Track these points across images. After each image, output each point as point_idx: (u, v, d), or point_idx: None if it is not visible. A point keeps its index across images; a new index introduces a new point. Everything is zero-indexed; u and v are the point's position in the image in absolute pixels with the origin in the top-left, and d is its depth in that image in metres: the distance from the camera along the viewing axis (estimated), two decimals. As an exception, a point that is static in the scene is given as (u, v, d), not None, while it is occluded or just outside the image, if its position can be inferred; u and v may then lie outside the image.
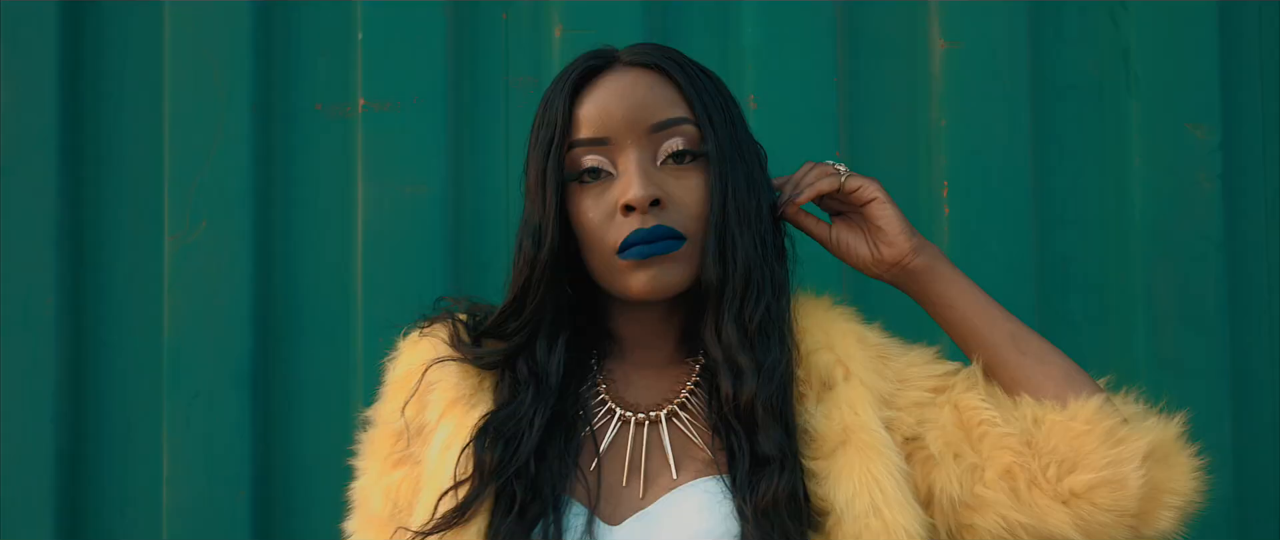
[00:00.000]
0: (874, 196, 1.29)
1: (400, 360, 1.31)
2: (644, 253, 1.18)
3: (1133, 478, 1.20)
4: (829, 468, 1.18)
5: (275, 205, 1.71)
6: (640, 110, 1.21)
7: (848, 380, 1.22)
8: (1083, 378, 1.25)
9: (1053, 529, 1.21)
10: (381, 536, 1.24)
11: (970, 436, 1.23)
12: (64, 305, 1.70)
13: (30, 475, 1.68)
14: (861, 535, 1.14)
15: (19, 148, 1.69)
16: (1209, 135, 1.74)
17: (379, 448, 1.29)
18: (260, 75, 1.71)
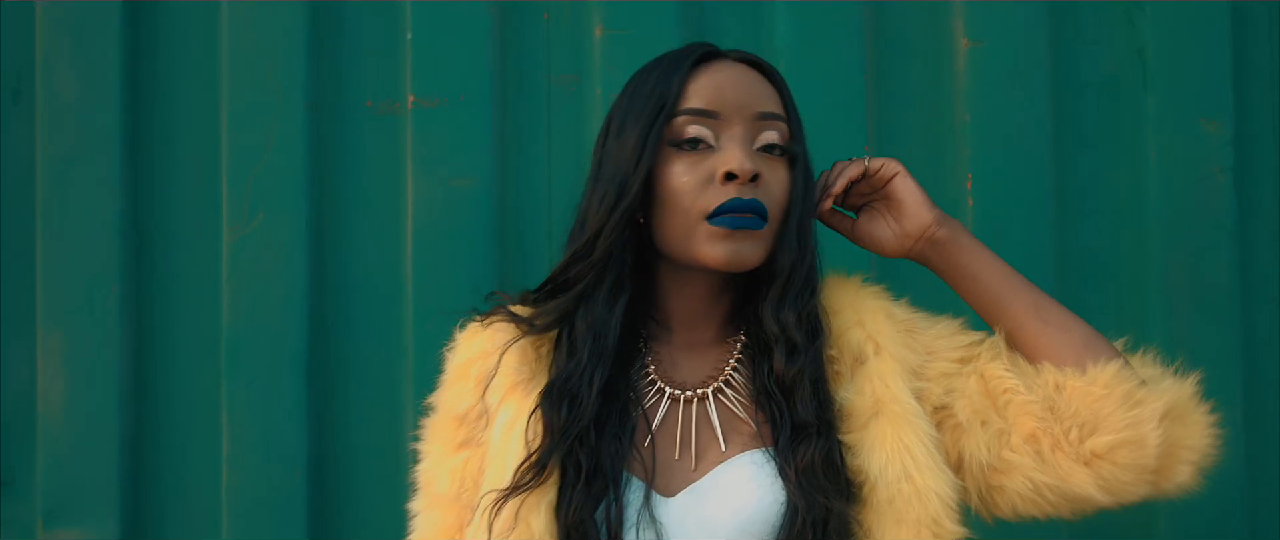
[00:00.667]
0: (897, 171, 1.38)
1: (458, 350, 1.38)
2: (734, 222, 1.25)
3: (1151, 437, 1.27)
4: (862, 439, 1.25)
5: (328, 198, 1.79)
6: (750, 97, 1.29)
7: (878, 354, 1.30)
8: (1101, 343, 1.33)
9: (1076, 488, 1.28)
10: (448, 515, 1.31)
11: (996, 404, 1.30)
12: (127, 294, 1.77)
13: (96, 457, 1.75)
14: (895, 500, 1.22)
15: (85, 144, 1.77)
16: (1221, 130, 1.81)
17: (441, 432, 1.36)
18: (313, 73, 1.78)
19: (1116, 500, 1.30)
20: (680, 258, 1.30)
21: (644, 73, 1.35)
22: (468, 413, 1.33)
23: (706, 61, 1.32)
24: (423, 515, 1.35)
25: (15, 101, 1.79)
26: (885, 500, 1.22)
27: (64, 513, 1.75)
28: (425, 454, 1.38)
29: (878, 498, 1.23)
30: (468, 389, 1.33)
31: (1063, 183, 1.80)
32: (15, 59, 1.79)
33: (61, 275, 1.76)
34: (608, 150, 1.32)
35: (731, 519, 1.23)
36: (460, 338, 1.39)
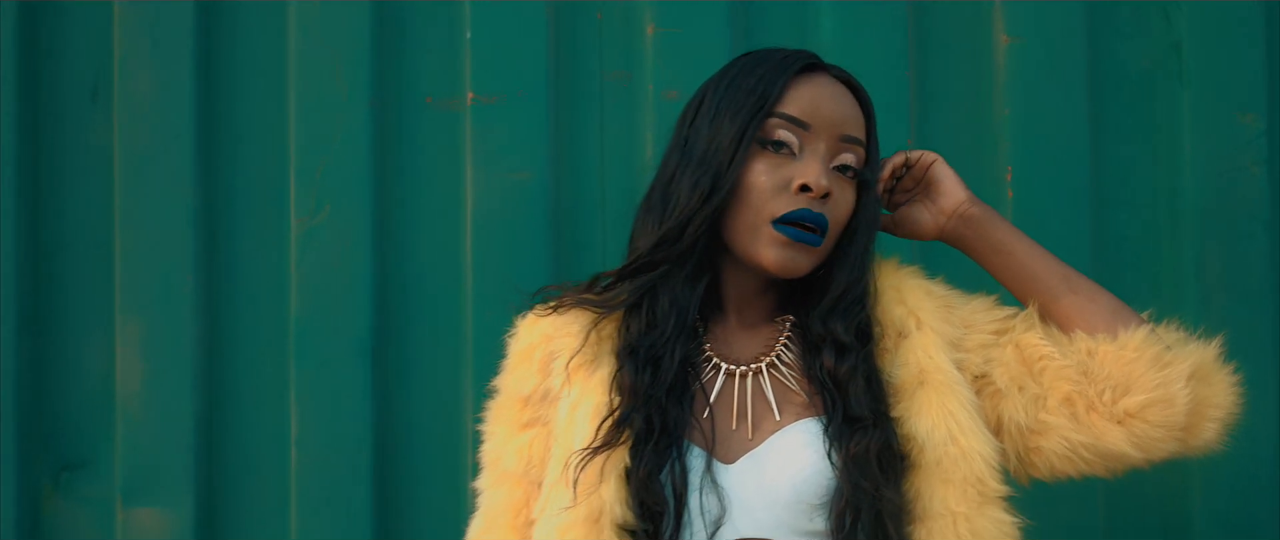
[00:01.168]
0: (935, 158, 1.47)
1: (520, 336, 1.46)
2: (796, 235, 1.32)
3: (1180, 396, 1.35)
4: (909, 407, 1.33)
5: (391, 191, 1.86)
6: (841, 118, 1.36)
7: (920, 329, 1.37)
8: (1129, 312, 1.41)
9: (1110, 446, 1.36)
10: (515, 490, 1.38)
11: (1032, 370, 1.38)
12: (201, 284, 1.85)
13: (172, 439, 1.84)
14: (942, 462, 1.30)
15: (160, 141, 1.85)
16: (1256, 123, 1.87)
17: (506, 413, 1.43)
18: (377, 71, 1.86)
19: (1147, 457, 1.38)
20: (739, 251, 1.37)
21: (747, 65, 1.40)
22: (532, 394, 1.41)
23: (810, 71, 1.39)
24: (489, 492, 1.42)
25: (94, 101, 1.88)
26: (933, 462, 1.30)
27: (141, 492, 1.84)
28: (490, 435, 1.45)
29: (926, 460, 1.30)
30: (531, 372, 1.41)
31: (1100, 175, 1.87)
32: (94, 60, 1.87)
33: (138, 267, 1.85)
34: (698, 130, 1.38)
35: (789, 484, 1.30)
36: (521, 324, 1.47)
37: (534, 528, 1.34)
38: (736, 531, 1.29)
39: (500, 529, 1.38)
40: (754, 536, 1.29)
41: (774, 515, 1.30)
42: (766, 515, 1.30)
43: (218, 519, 1.85)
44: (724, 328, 1.42)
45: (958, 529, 1.28)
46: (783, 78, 1.36)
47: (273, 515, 1.85)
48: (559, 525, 1.29)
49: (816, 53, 1.82)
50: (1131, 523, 1.85)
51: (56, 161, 1.87)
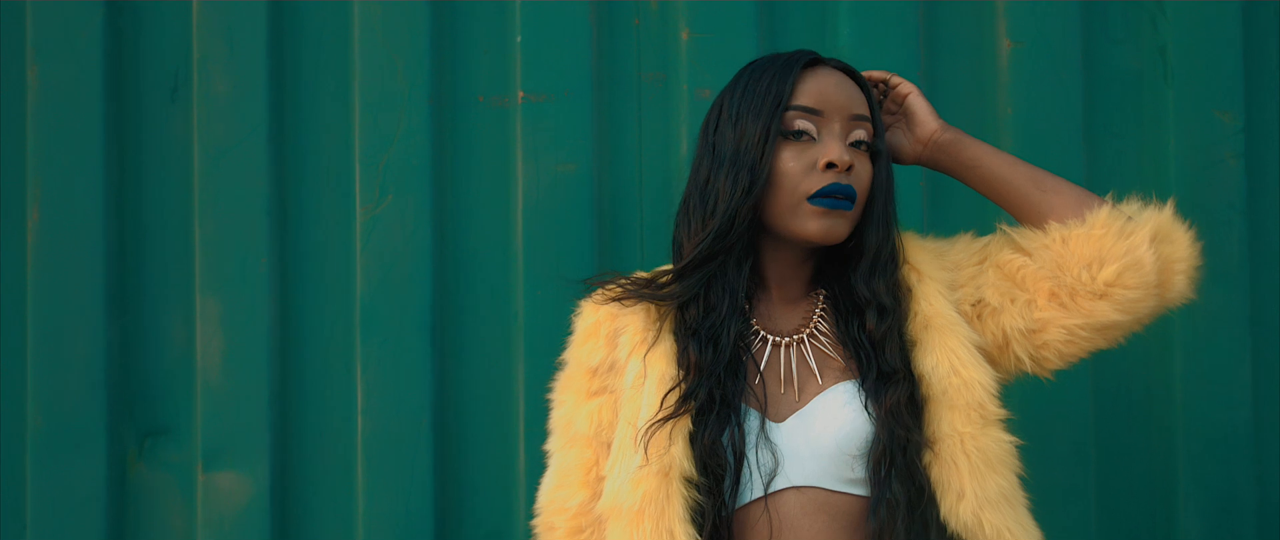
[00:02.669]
0: (911, 90, 1.66)
1: (585, 315, 1.61)
2: (831, 204, 1.49)
3: (1147, 257, 1.51)
4: (922, 351, 1.51)
5: (448, 182, 2.02)
6: (848, 100, 1.53)
7: (921, 281, 1.55)
8: (1091, 196, 1.57)
9: (1101, 319, 1.52)
10: (586, 451, 1.55)
11: (1015, 281, 1.56)
12: (274, 266, 2.00)
13: (248, 408, 1.99)
14: (948, 391, 1.48)
15: (236, 135, 2.00)
16: (1234, 120, 2.04)
17: (575, 383, 1.59)
18: (435, 71, 2.01)
19: (1134, 317, 1.54)
20: (781, 230, 1.53)
21: (756, 72, 1.56)
22: (599, 366, 1.57)
23: (812, 67, 1.55)
24: (561, 453, 1.58)
25: (173, 98, 2.03)
26: (939, 393, 1.48)
27: (220, 457, 2.00)
28: (560, 403, 1.61)
29: (934, 390, 1.48)
30: (598, 346, 1.57)
31: (1093, 166, 2.04)
32: (173, 60, 2.03)
33: (216, 250, 2.00)
34: (723, 135, 1.54)
35: (832, 438, 1.48)
36: (586, 305, 1.62)
37: (604, 483, 1.51)
38: (788, 481, 1.47)
39: (573, 484, 1.55)
40: (803, 484, 1.47)
41: (820, 466, 1.47)
42: (814, 466, 1.48)
43: (290, 481, 2.01)
44: (768, 304, 1.59)
45: (965, 447, 1.46)
46: (791, 76, 1.52)
47: (341, 477, 2.01)
48: (633, 478, 1.46)
49: (837, 55, 2.00)
50: (1120, 483, 2.03)
51: (140, 154, 2.02)
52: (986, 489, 1.46)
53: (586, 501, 1.53)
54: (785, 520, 1.46)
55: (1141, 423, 2.04)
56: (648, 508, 1.44)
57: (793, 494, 1.47)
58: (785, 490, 1.47)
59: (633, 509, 1.45)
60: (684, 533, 1.43)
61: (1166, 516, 2.02)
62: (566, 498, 1.55)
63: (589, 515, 1.53)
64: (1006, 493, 1.48)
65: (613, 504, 1.48)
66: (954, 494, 1.46)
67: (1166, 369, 2.04)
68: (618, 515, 1.47)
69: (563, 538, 1.54)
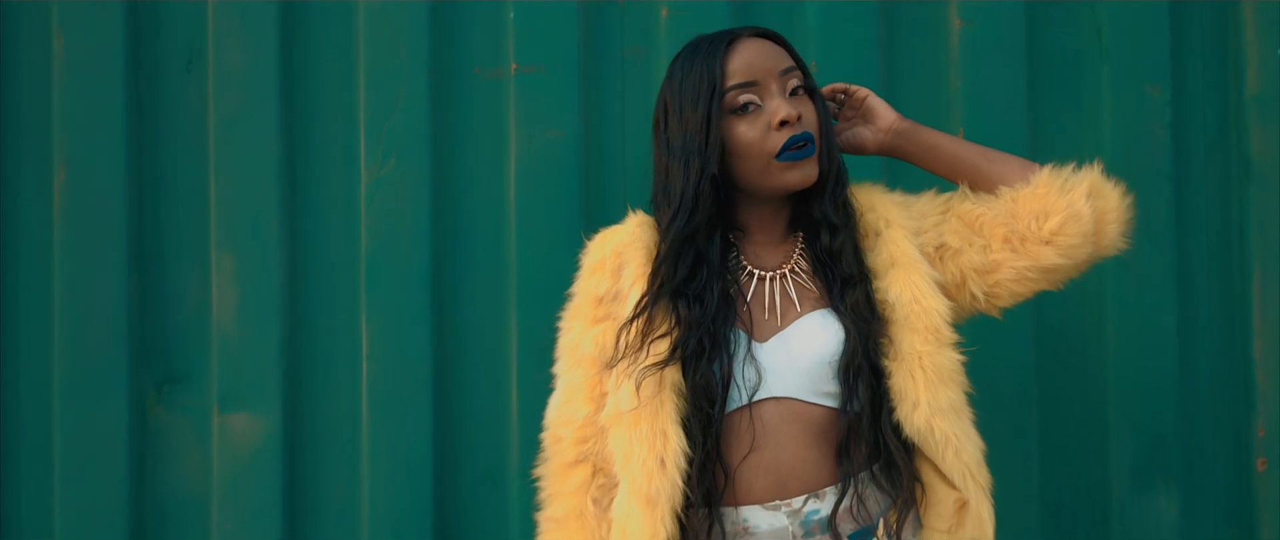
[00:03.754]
0: (867, 93, 1.86)
1: (592, 251, 1.79)
2: (797, 155, 1.68)
3: (1084, 209, 1.73)
4: (886, 281, 1.71)
5: (446, 147, 2.18)
6: (772, 61, 1.70)
7: (889, 227, 1.75)
8: (1032, 164, 1.79)
9: (1045, 262, 1.74)
10: (590, 371, 1.72)
11: (973, 228, 1.76)
12: (284, 224, 2.16)
13: (260, 355, 2.15)
14: (909, 316, 1.68)
15: (248, 103, 2.15)
16: (1162, 94, 2.24)
17: (582, 311, 1.76)
18: (433, 45, 2.17)
19: (1074, 263, 1.76)
20: (759, 191, 1.72)
21: (687, 63, 1.73)
22: (604, 295, 1.74)
23: (733, 43, 1.72)
24: (568, 373, 1.75)
25: (189, 69, 2.18)
26: (902, 317, 1.68)
27: (234, 400, 2.15)
28: (568, 329, 1.78)
29: (897, 316, 1.68)
30: (604, 277, 1.75)
31: (1036, 135, 2.23)
32: (189, 33, 2.17)
33: (231, 209, 2.15)
34: (671, 131, 1.72)
35: (808, 356, 1.67)
36: (592, 243, 1.80)
37: (607, 398, 1.69)
38: (768, 392, 1.66)
39: (579, 400, 1.72)
40: (781, 395, 1.67)
41: (797, 380, 1.67)
42: (791, 380, 1.67)
43: (300, 423, 2.16)
44: (753, 245, 1.77)
45: (922, 363, 1.66)
46: (717, 60, 1.70)
47: (347, 419, 2.16)
48: (631, 389, 1.65)
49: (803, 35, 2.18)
50: (1059, 423, 2.23)
51: (158, 121, 2.17)
52: (938, 400, 1.66)
53: (591, 414, 1.71)
54: (766, 426, 1.65)
55: (1078, 368, 2.23)
56: (644, 411, 1.63)
57: (772, 404, 1.66)
58: (766, 400, 1.66)
59: (633, 412, 1.64)
60: (676, 432, 1.63)
61: (1100, 451, 2.23)
62: (573, 412, 1.72)
63: (593, 427, 1.71)
64: (955, 405, 1.68)
65: (614, 411, 1.66)
66: (909, 403, 1.66)
67: (1100, 320, 2.23)
68: (618, 421, 1.66)
69: (569, 447, 1.72)
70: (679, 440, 1.63)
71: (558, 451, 1.74)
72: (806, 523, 1.65)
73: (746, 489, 1.65)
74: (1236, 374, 2.25)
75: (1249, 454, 2.24)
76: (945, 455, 1.66)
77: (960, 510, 1.68)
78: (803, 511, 1.65)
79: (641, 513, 1.62)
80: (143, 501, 2.15)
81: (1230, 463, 2.24)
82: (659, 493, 1.61)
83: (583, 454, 1.71)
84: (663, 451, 1.62)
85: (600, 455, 1.70)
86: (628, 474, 1.64)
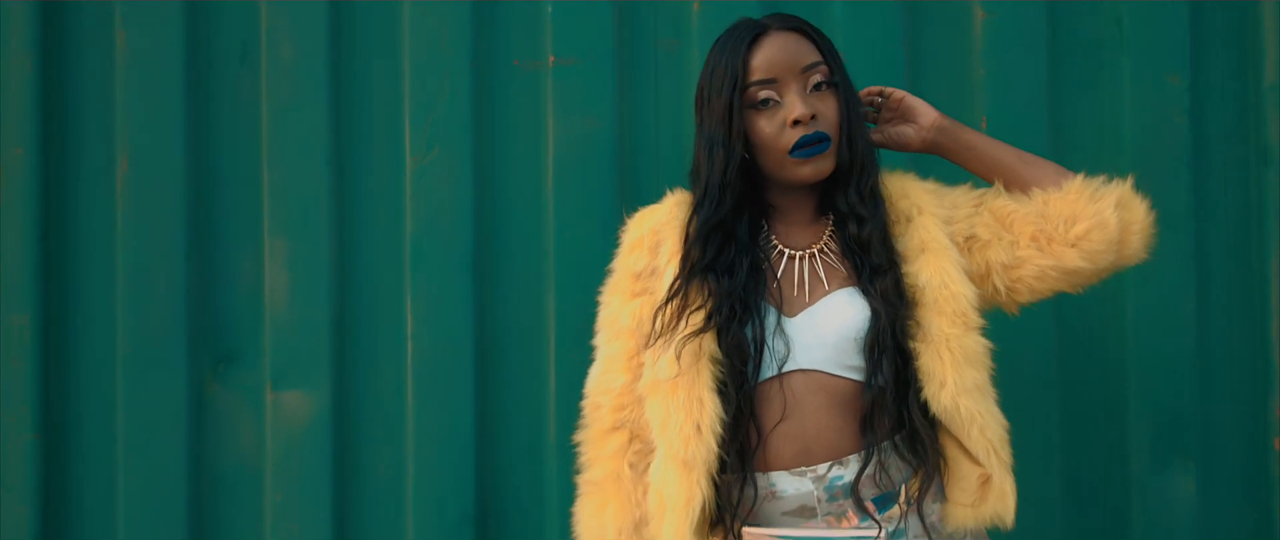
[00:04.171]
0: (904, 94, 1.93)
1: (631, 229, 1.89)
2: (808, 152, 1.76)
3: (1111, 218, 1.81)
4: (916, 266, 1.78)
5: (488, 135, 2.27)
6: (795, 57, 1.78)
7: (921, 214, 1.82)
8: (1066, 171, 1.87)
9: (1069, 264, 1.81)
10: (629, 342, 1.81)
11: (1004, 224, 1.84)
12: (333, 210, 2.26)
13: (311, 335, 2.25)
14: (938, 300, 1.75)
15: (299, 95, 2.26)
16: (1180, 83, 2.29)
17: (621, 286, 1.86)
18: (476, 38, 2.27)
19: (1096, 268, 1.83)
20: (779, 181, 1.81)
21: (715, 53, 1.83)
22: (642, 271, 1.84)
23: (757, 39, 1.80)
24: (607, 344, 1.85)
25: (243, 63, 2.29)
26: (932, 301, 1.75)
27: (286, 378, 2.26)
28: (607, 304, 1.88)
29: (927, 299, 1.76)
30: (642, 254, 1.84)
31: (1057, 124, 2.29)
32: (243, 29, 2.28)
33: (283, 196, 2.26)
34: (704, 116, 1.82)
35: (835, 331, 1.75)
36: (632, 221, 1.90)
37: (644, 368, 1.78)
38: (796, 364, 1.75)
39: (617, 370, 1.82)
40: (809, 368, 1.75)
41: (824, 353, 1.75)
42: (819, 353, 1.75)
43: (348, 399, 2.27)
44: (785, 226, 1.86)
45: (949, 345, 1.73)
46: (740, 55, 1.78)
47: (393, 396, 2.27)
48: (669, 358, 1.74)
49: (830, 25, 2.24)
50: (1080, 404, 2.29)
51: (214, 112, 2.28)
52: (964, 380, 1.73)
53: (629, 383, 1.81)
54: (794, 396, 1.74)
55: (1098, 351, 2.29)
56: (681, 379, 1.72)
57: (800, 376, 1.75)
58: (794, 372, 1.75)
59: (670, 381, 1.73)
60: (711, 399, 1.71)
61: (1120, 430, 2.29)
62: (611, 381, 1.82)
63: (630, 395, 1.80)
64: (980, 385, 1.76)
65: (652, 380, 1.76)
66: (937, 383, 1.73)
67: (1120, 303, 2.29)
68: (656, 389, 1.75)
69: (608, 414, 1.82)
70: (715, 407, 1.72)
71: (597, 418, 1.83)
72: (830, 488, 1.73)
73: (775, 455, 1.74)
74: (1254, 355, 2.30)
75: (1266, 433, 2.29)
76: (970, 432, 1.73)
77: (984, 485, 1.75)
78: (827, 477, 1.73)
79: (679, 476, 1.71)
80: (200, 473, 2.27)
81: (1247, 442, 2.29)
82: (695, 457, 1.70)
83: (620, 421, 1.81)
84: (699, 418, 1.70)
85: (637, 422, 1.80)
86: (665, 440, 1.73)
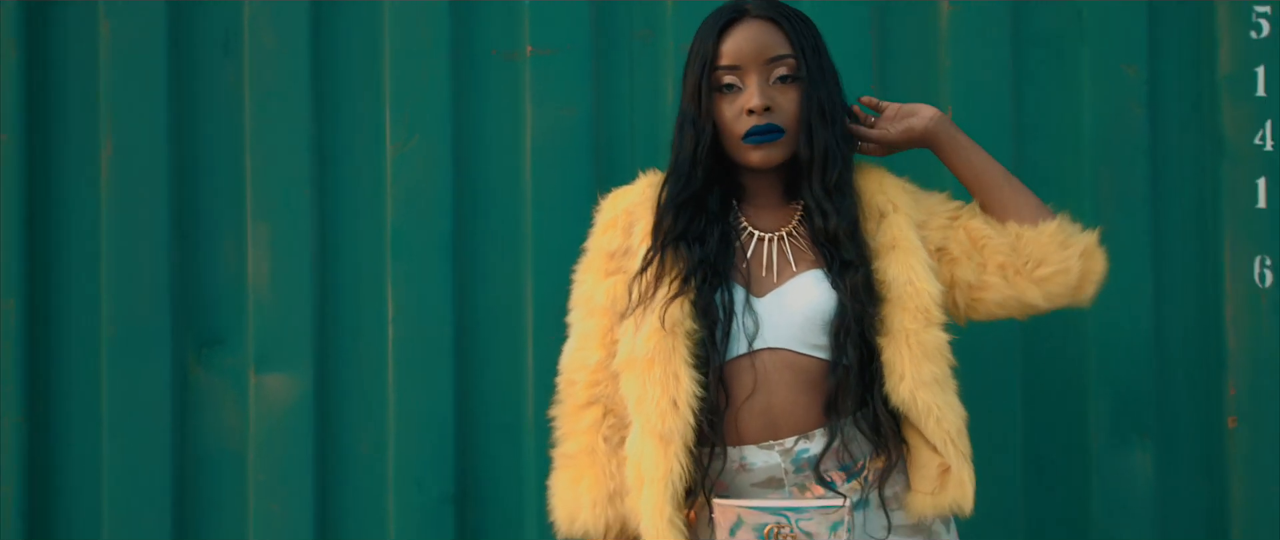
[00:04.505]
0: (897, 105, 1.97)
1: (605, 210, 1.94)
2: (758, 140, 1.82)
3: (1075, 267, 1.89)
4: (885, 262, 1.84)
5: (467, 123, 2.32)
6: (763, 48, 1.83)
7: (896, 211, 1.88)
8: (1046, 208, 1.93)
9: (1029, 300, 1.89)
10: (603, 320, 1.87)
11: (976, 246, 1.90)
12: (314, 196, 2.31)
13: (293, 319, 2.30)
14: (903, 296, 1.81)
15: (281, 83, 2.31)
16: (1138, 74, 2.35)
17: (595, 265, 1.91)
18: (454, 29, 2.31)
19: (1051, 306, 1.91)
20: (737, 162, 1.87)
21: (696, 36, 1.88)
22: (616, 250, 1.89)
23: (732, 24, 1.85)
24: (582, 322, 1.90)
25: (225, 52, 2.33)
26: (897, 297, 1.81)
27: (268, 362, 2.30)
28: (581, 282, 1.93)
29: (892, 296, 1.82)
30: (616, 234, 1.90)
31: (1019, 113, 2.35)
32: (225, 18, 2.33)
33: (265, 181, 2.31)
34: (683, 93, 1.88)
35: (802, 311, 1.81)
36: (606, 201, 1.95)
37: (618, 345, 1.83)
38: (764, 343, 1.80)
39: (591, 347, 1.87)
40: (776, 346, 1.80)
41: (790, 332, 1.81)
42: (785, 332, 1.81)
43: (330, 382, 2.32)
44: (754, 208, 1.91)
45: (909, 341, 1.80)
46: (712, 39, 1.84)
47: (374, 379, 2.32)
48: (644, 335, 1.79)
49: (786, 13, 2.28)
50: (1041, 380, 2.35)
51: (197, 100, 2.33)
52: (922, 374, 1.80)
53: (603, 360, 1.86)
54: (763, 372, 1.80)
55: (1059, 329, 2.35)
56: (657, 356, 1.78)
57: (768, 353, 1.81)
58: (763, 350, 1.81)
59: (645, 358, 1.78)
60: (687, 374, 1.77)
61: (1080, 409, 2.35)
62: (586, 357, 1.88)
63: (605, 371, 1.86)
64: (938, 378, 1.82)
65: (627, 357, 1.81)
66: (897, 375, 1.80)
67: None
68: (631, 366, 1.80)
69: (582, 390, 1.87)
70: (691, 383, 1.77)
71: (571, 394, 1.89)
72: (797, 460, 1.79)
73: (744, 429, 1.80)
74: (1208, 337, 2.37)
75: (1220, 412, 2.36)
76: (928, 424, 1.80)
77: (943, 474, 1.82)
78: (794, 450, 1.79)
79: (656, 450, 1.76)
80: (184, 455, 2.31)
81: (1202, 420, 2.37)
82: (672, 431, 1.75)
83: (594, 396, 1.86)
84: (676, 393, 1.76)
85: (611, 398, 1.85)
86: (642, 415, 1.78)
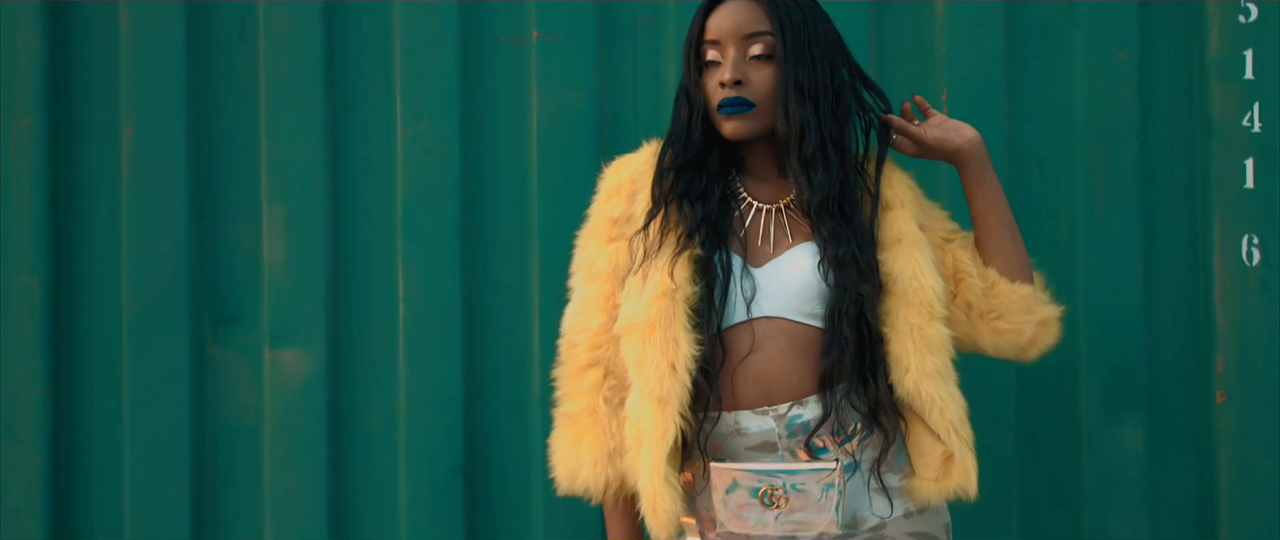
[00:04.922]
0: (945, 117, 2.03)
1: (608, 177, 2.00)
2: (729, 112, 1.87)
3: (1027, 332, 1.97)
4: (890, 255, 1.89)
5: (475, 107, 2.38)
6: (741, 25, 1.88)
7: (902, 206, 1.94)
8: (1029, 270, 2.00)
9: (978, 342, 1.97)
10: (604, 285, 1.92)
11: (955, 275, 1.97)
12: (327, 178, 2.37)
13: (307, 296, 2.37)
14: (907, 291, 1.87)
15: (295, 70, 2.37)
16: (1130, 58, 2.40)
17: (598, 231, 1.97)
18: (462, 15, 2.38)
19: (996, 355, 2.01)
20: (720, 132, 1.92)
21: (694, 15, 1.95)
22: (619, 217, 1.95)
23: (719, 2, 1.91)
24: (583, 287, 1.96)
25: (241, 39, 2.40)
26: (901, 291, 1.87)
27: (283, 338, 2.37)
28: (583, 248, 1.99)
29: (897, 289, 1.87)
30: (620, 202, 1.95)
31: (1013, 96, 2.40)
32: (241, 6, 2.39)
33: (280, 164, 2.37)
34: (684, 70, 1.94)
35: (798, 281, 1.87)
36: (609, 169, 2.01)
37: (619, 310, 1.89)
38: (761, 310, 1.86)
39: (593, 311, 1.93)
40: (773, 314, 1.86)
41: (786, 301, 1.87)
42: (781, 301, 1.87)
43: (343, 358, 2.39)
44: (753, 180, 1.97)
45: (913, 335, 1.85)
46: (701, 17, 1.91)
47: (385, 354, 2.38)
48: (646, 300, 1.85)
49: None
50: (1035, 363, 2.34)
51: (213, 85, 2.39)
52: (926, 366, 1.86)
53: (605, 324, 1.92)
54: (759, 339, 1.86)
55: (1052, 310, 2.42)
56: (658, 321, 1.83)
57: (764, 321, 1.87)
58: (761, 318, 1.87)
59: (646, 322, 1.84)
60: (686, 339, 1.83)
61: (1072, 385, 2.41)
62: (588, 321, 1.94)
63: (606, 335, 1.92)
64: (941, 370, 1.88)
65: (628, 322, 1.87)
66: (902, 368, 1.86)
67: (1071, 266, 2.40)
68: (632, 330, 1.86)
69: (584, 352, 1.93)
70: (689, 347, 1.82)
71: (573, 356, 1.95)
72: (790, 426, 1.86)
73: (740, 394, 1.86)
74: (1198, 314, 2.42)
75: (1209, 388, 2.42)
76: (931, 414, 1.86)
77: (946, 461, 1.88)
78: (787, 416, 1.86)
79: (654, 412, 1.82)
80: (202, 429, 2.38)
81: (1192, 396, 2.42)
82: (670, 394, 1.81)
83: (595, 358, 1.93)
84: (674, 357, 1.82)
85: (612, 361, 1.91)
86: (641, 378, 1.84)
